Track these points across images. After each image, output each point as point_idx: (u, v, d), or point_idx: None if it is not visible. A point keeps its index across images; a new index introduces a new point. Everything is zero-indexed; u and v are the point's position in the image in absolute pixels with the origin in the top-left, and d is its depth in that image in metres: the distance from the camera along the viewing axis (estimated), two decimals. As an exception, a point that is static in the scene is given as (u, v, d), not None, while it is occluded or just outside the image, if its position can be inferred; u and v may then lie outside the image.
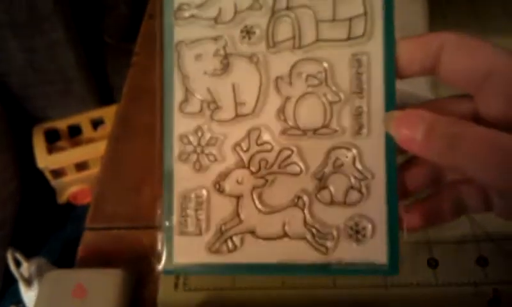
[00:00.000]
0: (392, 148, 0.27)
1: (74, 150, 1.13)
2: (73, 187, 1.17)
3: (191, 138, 0.29)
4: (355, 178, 0.28)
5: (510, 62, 0.25)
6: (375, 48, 0.28)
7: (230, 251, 0.28)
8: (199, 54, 0.28)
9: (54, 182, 1.15)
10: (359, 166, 0.28)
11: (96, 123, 1.22)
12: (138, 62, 0.53)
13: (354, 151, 0.28)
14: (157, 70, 0.29)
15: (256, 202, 0.28)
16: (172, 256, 0.29)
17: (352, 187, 0.28)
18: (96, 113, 1.21)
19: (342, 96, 0.28)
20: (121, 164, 0.45)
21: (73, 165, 1.13)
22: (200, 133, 0.29)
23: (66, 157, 1.12)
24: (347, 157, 0.28)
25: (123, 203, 0.42)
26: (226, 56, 0.28)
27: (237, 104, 0.28)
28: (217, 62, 0.28)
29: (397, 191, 0.28)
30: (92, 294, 0.34)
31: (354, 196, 0.28)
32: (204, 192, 0.29)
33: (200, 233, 0.29)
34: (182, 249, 0.29)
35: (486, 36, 0.47)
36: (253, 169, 0.28)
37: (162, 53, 0.29)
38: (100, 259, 0.39)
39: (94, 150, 1.11)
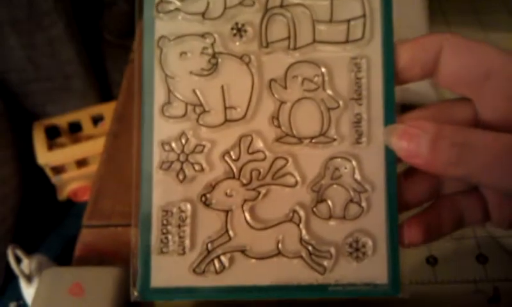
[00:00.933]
0: (393, 157, 0.26)
1: (74, 147, 1.12)
2: (73, 184, 1.16)
3: (174, 145, 0.25)
4: (354, 190, 0.26)
5: (509, 62, 0.24)
6: (374, 52, 0.26)
7: (217, 272, 0.25)
8: (184, 51, 0.25)
9: (54, 179, 1.14)
10: (358, 178, 0.26)
11: (96, 120, 1.21)
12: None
13: (354, 161, 0.26)
14: (136, 68, 0.26)
15: (247, 217, 0.25)
16: (149, 279, 0.25)
17: (351, 200, 0.26)
18: (96, 109, 1.20)
19: (340, 102, 0.26)
20: (119, 161, 0.44)
21: (73, 162, 1.12)
22: (184, 140, 0.25)
23: (67, 154, 1.11)
24: (346, 167, 0.26)
25: (121, 200, 0.41)
26: (214, 55, 0.25)
27: (226, 108, 0.26)
28: (205, 61, 0.25)
29: (397, 204, 0.26)
30: (89, 292, 0.34)
31: (353, 209, 0.26)
32: (188, 205, 0.25)
33: (183, 252, 0.25)
34: (162, 271, 0.25)
35: (486, 32, 0.47)
36: (243, 180, 0.25)
37: (142, 49, 0.26)
38: (98, 257, 0.39)
39: (94, 147, 1.10)
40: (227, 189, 0.25)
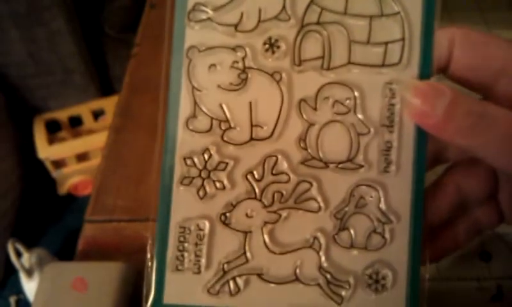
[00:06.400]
0: (421, 187, 0.25)
1: (75, 141, 1.13)
2: (73, 178, 1.17)
3: (196, 160, 0.25)
4: (379, 220, 0.25)
5: None
6: (410, 78, 0.25)
7: (231, 295, 0.25)
8: (213, 63, 0.24)
9: (54, 173, 1.14)
10: (383, 208, 0.25)
11: (97, 114, 1.21)
12: (139, 53, 0.51)
13: (380, 190, 0.25)
14: (163, 76, 0.25)
15: (267, 239, 0.25)
16: (162, 295, 0.25)
17: (375, 231, 0.25)
18: (97, 104, 1.19)
19: (371, 128, 0.25)
20: (121, 155, 0.44)
21: (73, 156, 1.12)
22: (207, 156, 0.25)
23: (67, 148, 1.11)
24: (371, 196, 0.25)
25: (123, 195, 0.41)
26: (244, 70, 0.24)
27: (252, 126, 0.25)
28: (234, 75, 0.24)
29: (421, 236, 0.25)
30: (92, 287, 0.34)
31: (376, 240, 0.25)
32: (207, 223, 0.25)
33: (199, 271, 0.25)
34: (175, 289, 0.25)
35: (490, 29, 0.46)
36: (265, 201, 0.25)
37: (170, 57, 0.25)
38: (101, 252, 0.39)
39: (95, 141, 1.10)
40: (248, 210, 0.25)
